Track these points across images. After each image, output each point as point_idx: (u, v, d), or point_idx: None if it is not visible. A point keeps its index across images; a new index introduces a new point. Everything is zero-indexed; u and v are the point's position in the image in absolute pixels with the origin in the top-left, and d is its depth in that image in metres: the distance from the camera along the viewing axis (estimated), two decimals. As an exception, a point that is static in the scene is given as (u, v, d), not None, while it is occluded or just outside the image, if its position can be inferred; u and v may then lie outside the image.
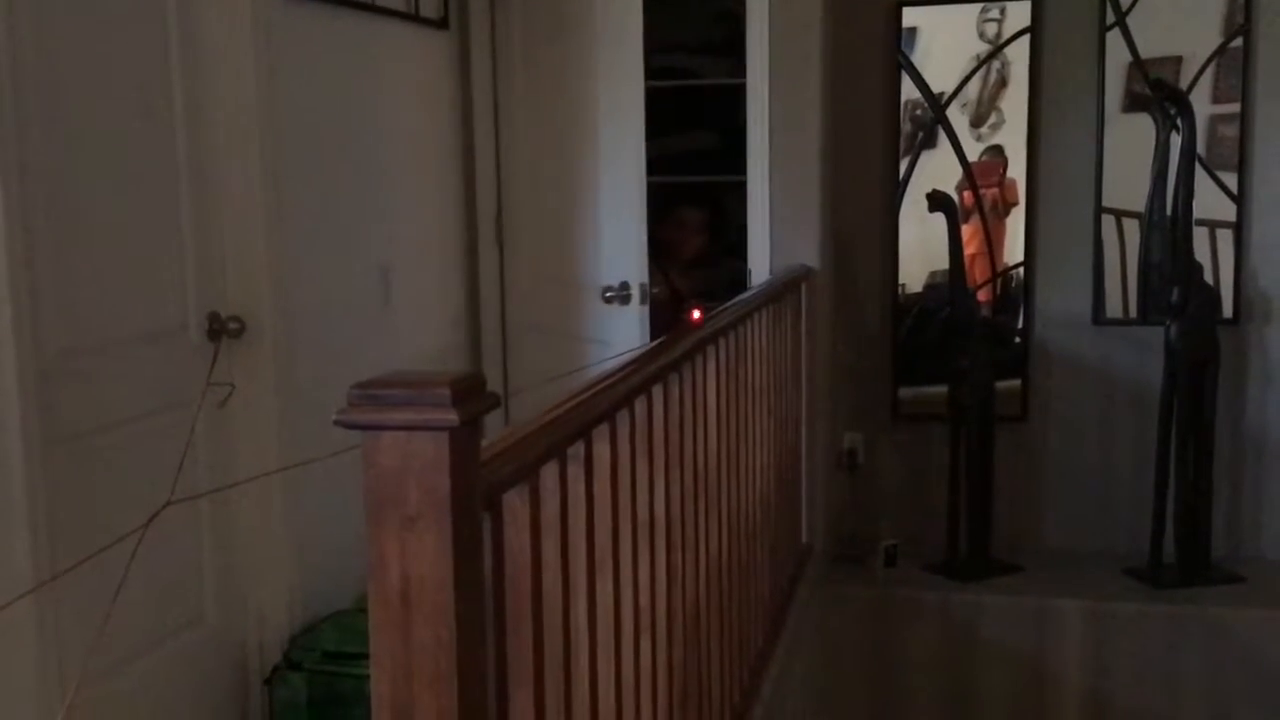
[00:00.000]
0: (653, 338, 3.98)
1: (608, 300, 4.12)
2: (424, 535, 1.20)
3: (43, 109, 2.46)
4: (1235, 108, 4.25)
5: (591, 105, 4.12)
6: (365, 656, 3.27)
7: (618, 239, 4.10)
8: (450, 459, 1.19)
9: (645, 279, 4.11)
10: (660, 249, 4.52)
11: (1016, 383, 4.53)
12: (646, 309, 4.12)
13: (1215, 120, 4.30)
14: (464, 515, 1.21)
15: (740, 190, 4.23)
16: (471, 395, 1.20)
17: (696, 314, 3.50)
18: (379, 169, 3.76)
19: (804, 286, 3.96)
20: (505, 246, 4.40)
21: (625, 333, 4.06)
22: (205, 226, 3.02)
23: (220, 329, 3.04)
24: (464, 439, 1.20)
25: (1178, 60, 4.30)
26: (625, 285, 4.09)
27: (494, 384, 4.45)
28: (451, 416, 1.17)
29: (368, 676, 3.21)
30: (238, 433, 3.09)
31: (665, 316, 4.33)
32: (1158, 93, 4.07)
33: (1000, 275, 4.54)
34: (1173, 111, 4.11)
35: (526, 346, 4.40)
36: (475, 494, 1.24)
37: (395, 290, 3.80)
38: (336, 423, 1.21)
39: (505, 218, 4.38)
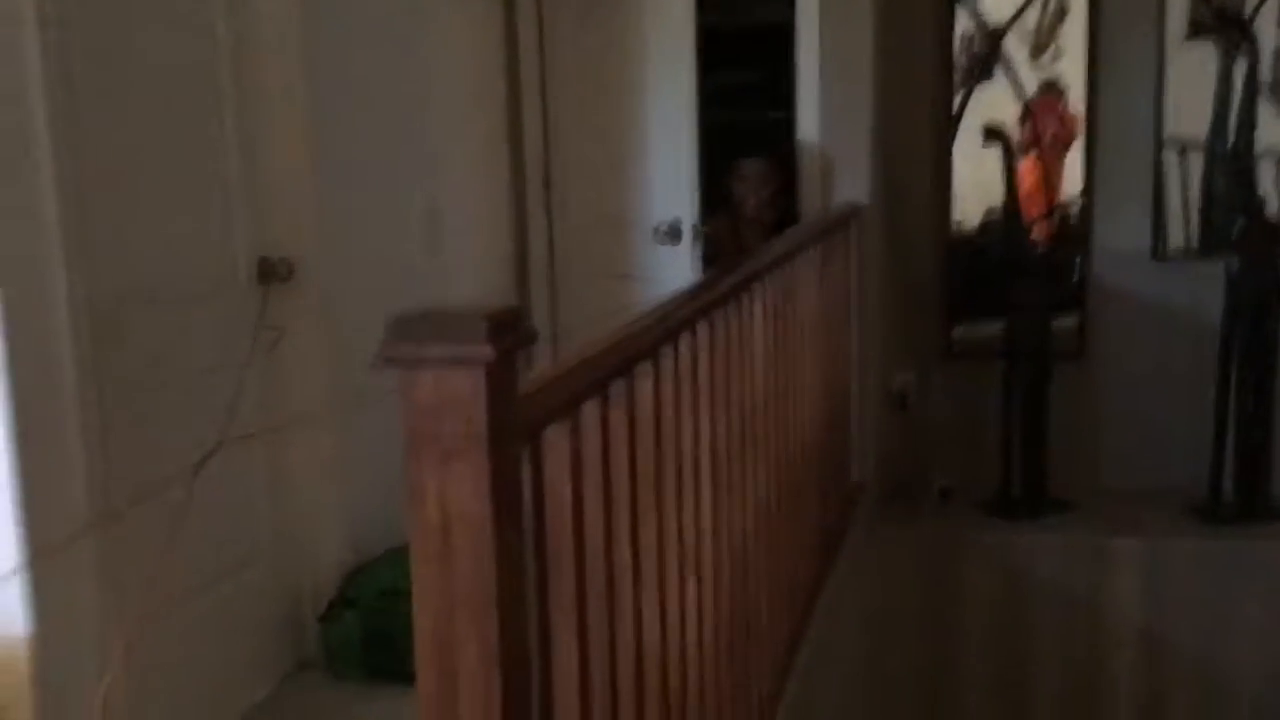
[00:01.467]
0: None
1: (658, 239, 4.09)
2: (461, 470, 1.20)
3: (89, 56, 2.46)
4: (1302, 35, 4.12)
5: (639, 42, 4.07)
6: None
7: (667, 177, 4.07)
8: (487, 393, 1.18)
9: (696, 218, 4.07)
10: (723, 202, 4.42)
11: (1073, 320, 4.46)
12: (699, 247, 4.08)
13: (1281, 50, 4.18)
14: (501, 450, 1.21)
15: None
16: (508, 329, 1.19)
17: None
18: (426, 111, 3.74)
19: (853, 224, 3.91)
20: (553, 187, 4.38)
21: (675, 272, 4.03)
22: (253, 169, 3.02)
23: (270, 273, 3.04)
24: (501, 373, 1.19)
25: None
26: (677, 223, 4.06)
27: (542, 325, 4.46)
28: (487, 351, 1.16)
29: (420, 614, 3.22)
30: (288, 376, 3.10)
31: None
32: (1221, 21, 3.95)
33: (1057, 210, 4.46)
34: (1237, 39, 3.99)
35: (575, 287, 4.39)
36: (513, 429, 1.24)
37: (444, 233, 3.80)
38: (375, 358, 1.21)
39: (552, 156, 4.35)
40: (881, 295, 4.34)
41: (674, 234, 4.06)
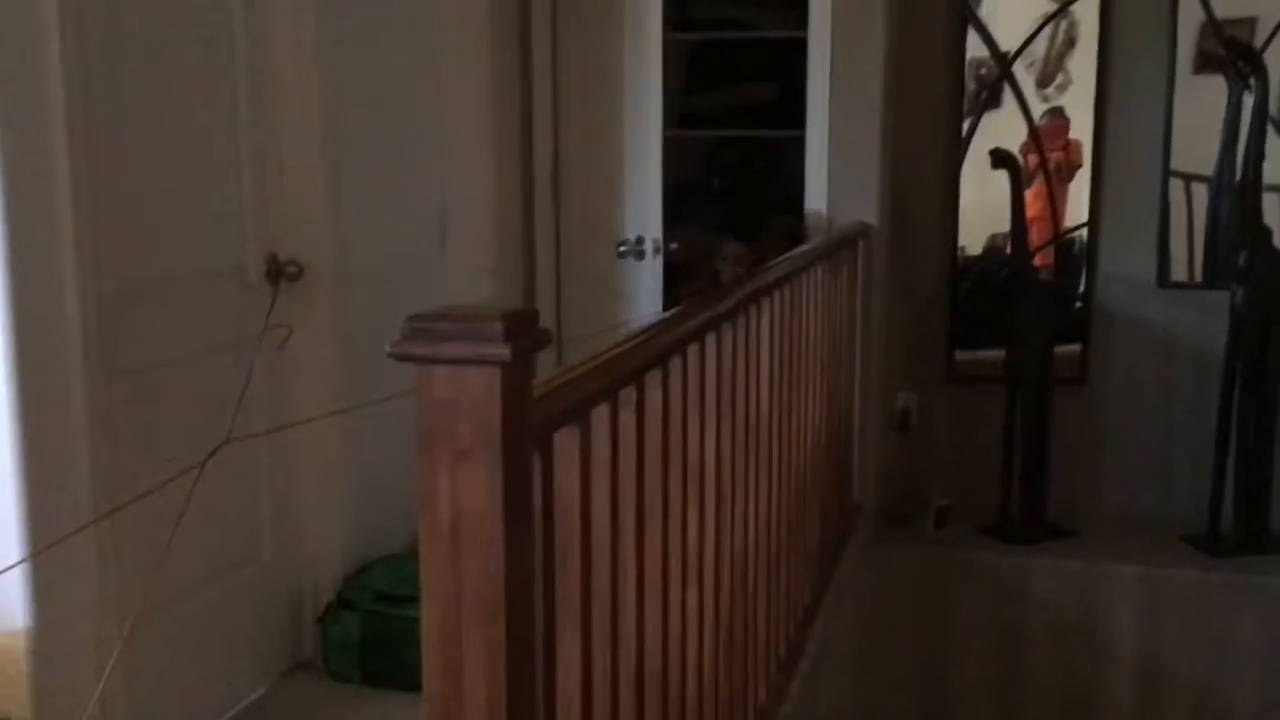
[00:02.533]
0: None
1: (621, 255, 4.09)
2: (475, 469, 1.21)
3: (103, 44, 2.48)
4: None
5: (618, 60, 4.10)
6: (416, 599, 3.30)
7: (637, 194, 4.06)
8: (502, 393, 1.19)
9: (659, 234, 4.06)
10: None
11: (1076, 347, 4.48)
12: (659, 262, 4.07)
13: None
14: (515, 451, 1.22)
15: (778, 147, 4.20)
16: (524, 330, 1.21)
17: None
18: (439, 114, 3.76)
19: (861, 243, 3.92)
20: (561, 200, 4.40)
21: (642, 286, 4.03)
22: (265, 168, 3.04)
23: (279, 271, 3.06)
24: (516, 374, 1.21)
25: (1252, 21, 4.19)
26: (640, 240, 4.05)
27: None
28: (504, 351, 1.17)
29: (418, 619, 3.25)
30: (295, 374, 3.11)
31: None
32: (1231, 52, 3.97)
33: (1062, 237, 4.48)
34: (1246, 71, 4.02)
35: (577, 297, 4.40)
36: (526, 430, 1.25)
37: (451, 236, 3.81)
38: (390, 355, 1.22)
39: (560, 170, 4.37)
40: (887, 316, 4.35)
41: (638, 251, 4.06)
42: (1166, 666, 4.07)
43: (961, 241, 4.52)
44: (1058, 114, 4.44)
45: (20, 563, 2.24)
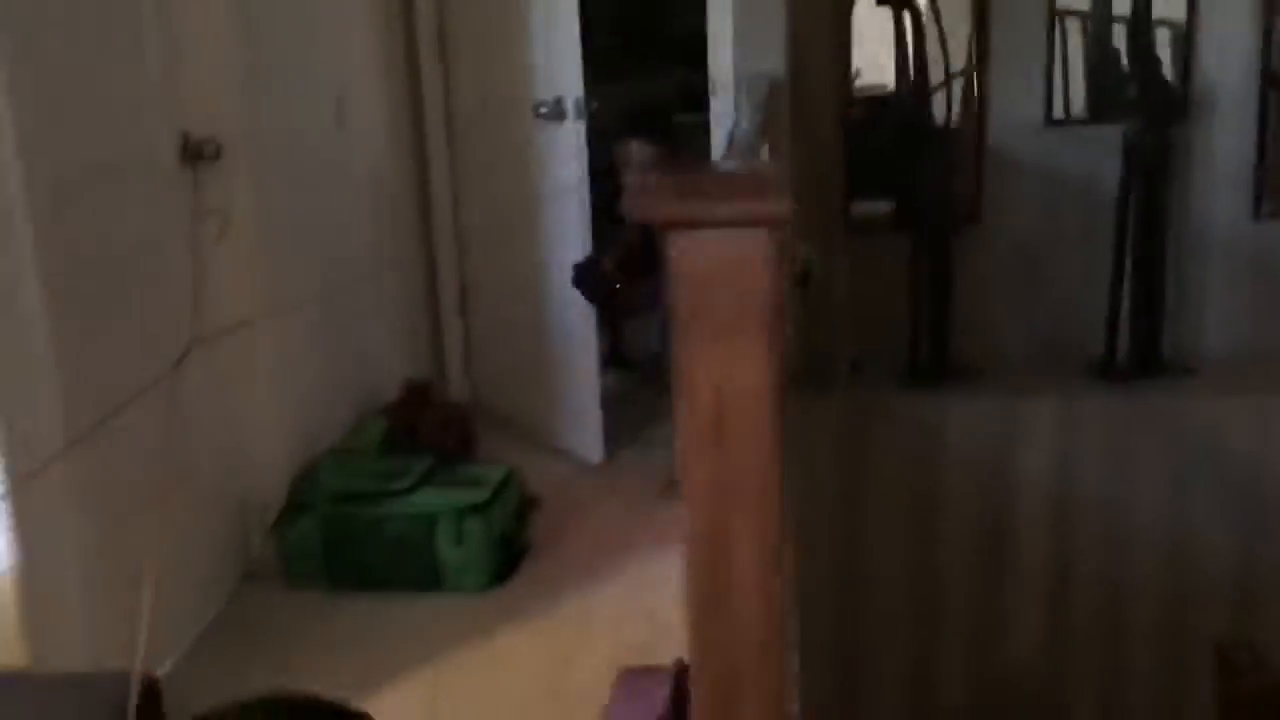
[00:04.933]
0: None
1: (541, 116, 3.83)
2: (741, 344, 1.08)
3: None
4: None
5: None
6: (375, 496, 3.13)
7: (551, 53, 3.78)
8: (773, 258, 1.06)
9: (580, 93, 3.79)
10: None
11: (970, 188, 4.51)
12: (583, 125, 3.81)
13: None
14: (778, 322, 1.09)
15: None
16: (785, 191, 1.07)
17: None
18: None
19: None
20: (448, 64, 4.12)
21: (563, 150, 3.78)
22: (172, 42, 2.72)
23: (198, 152, 2.76)
24: (779, 238, 1.07)
25: None
26: (560, 100, 3.80)
27: (443, 207, 4.22)
28: (782, 208, 1.04)
29: (381, 518, 3.08)
30: (223, 264, 2.84)
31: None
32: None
33: (952, 79, 4.47)
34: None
35: (473, 165, 4.16)
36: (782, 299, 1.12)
37: (348, 113, 3.54)
38: (630, 217, 1.06)
39: (446, 32, 4.09)
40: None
41: (558, 113, 3.79)
42: (1076, 490, 4.23)
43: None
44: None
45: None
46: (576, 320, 3.78)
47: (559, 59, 3.61)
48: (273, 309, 2.92)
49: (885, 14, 4.50)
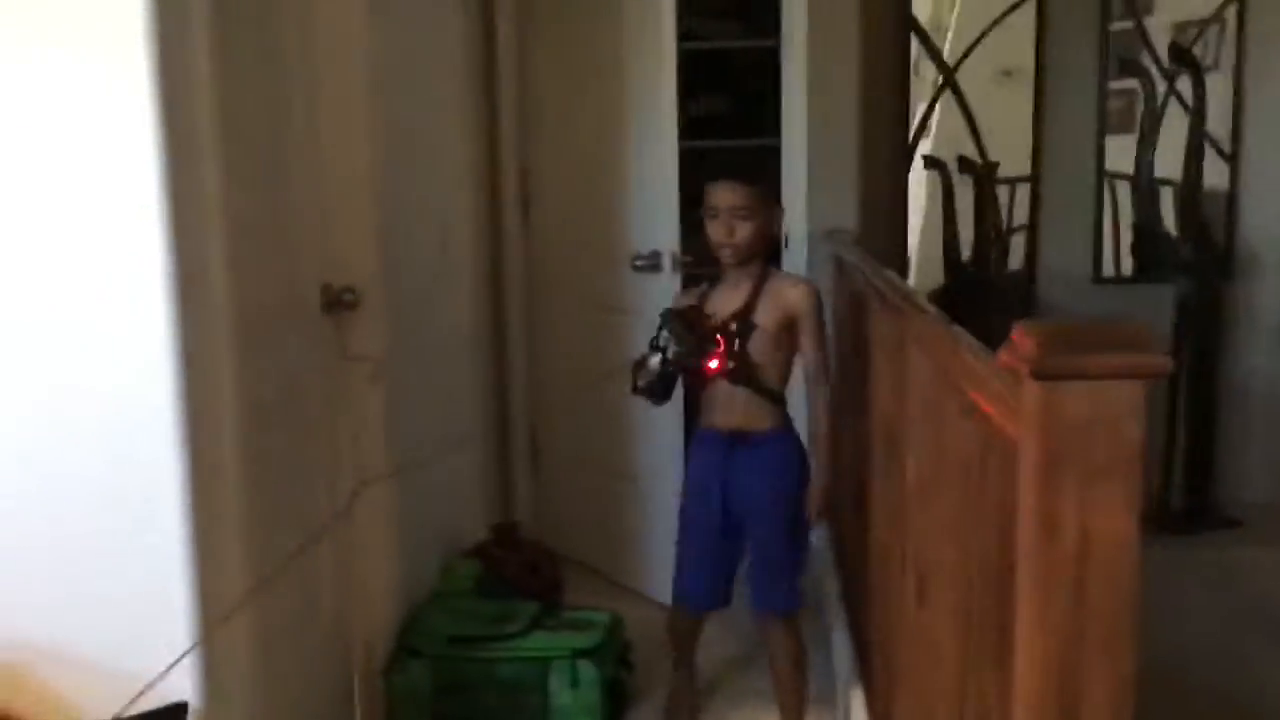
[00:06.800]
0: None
1: (637, 269, 3.94)
2: (1111, 490, 1.14)
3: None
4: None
5: (617, 64, 3.97)
6: (486, 640, 3.13)
7: (647, 206, 3.92)
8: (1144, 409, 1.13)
9: (676, 247, 3.92)
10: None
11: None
12: (679, 277, 3.94)
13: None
14: (1143, 469, 1.15)
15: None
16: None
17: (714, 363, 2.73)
18: (428, 132, 3.56)
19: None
20: (531, 211, 4.24)
21: (659, 301, 3.90)
22: (321, 198, 2.80)
23: (336, 301, 2.82)
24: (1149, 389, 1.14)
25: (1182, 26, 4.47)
26: (656, 254, 3.92)
27: (516, 353, 4.28)
28: (1162, 363, 1.11)
29: (494, 660, 3.07)
30: (366, 408, 2.88)
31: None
32: (1174, 57, 4.22)
33: (1005, 237, 4.66)
34: (1172, 74, 4.27)
35: (554, 314, 4.25)
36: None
37: (451, 263, 3.63)
38: (1021, 368, 1.13)
39: (531, 181, 4.22)
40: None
41: (654, 265, 3.91)
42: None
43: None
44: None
45: (193, 647, 1.98)
46: (656, 458, 3.81)
47: (656, 213, 3.72)
48: (400, 452, 2.95)
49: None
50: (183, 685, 2.00)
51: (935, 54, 4.51)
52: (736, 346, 2.71)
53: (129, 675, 1.98)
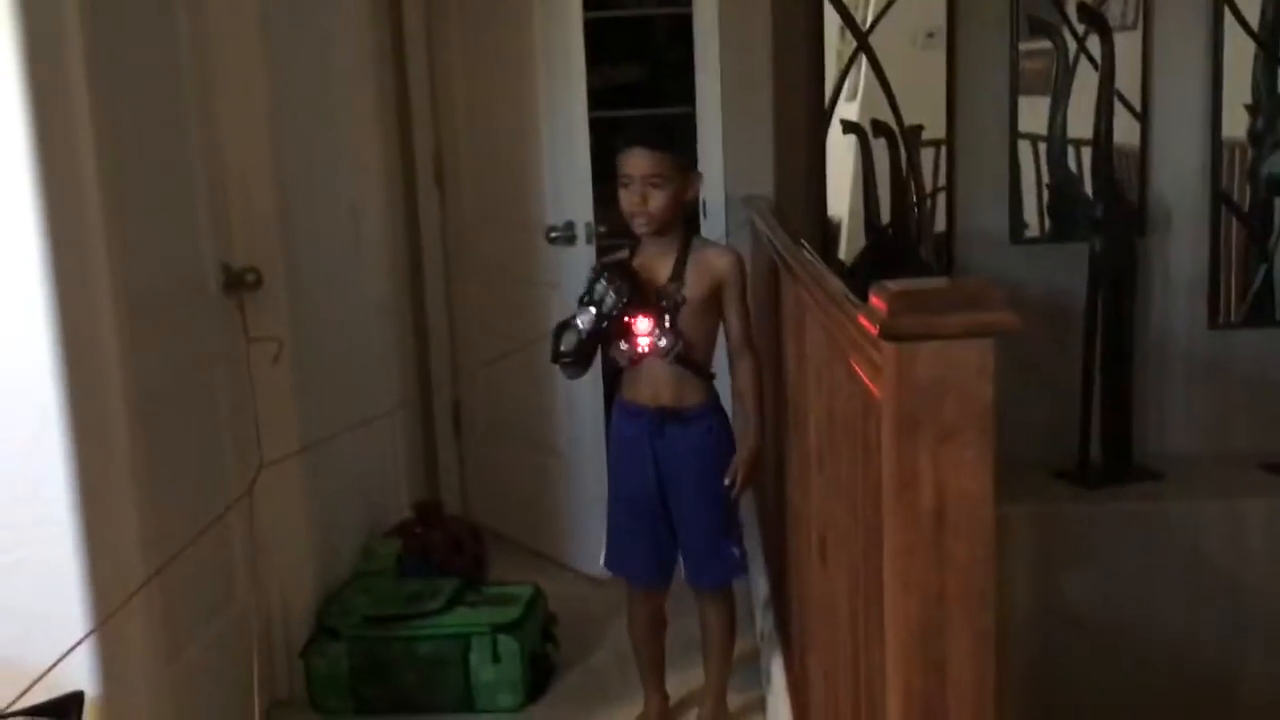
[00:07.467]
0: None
1: (552, 241, 3.92)
2: (962, 450, 1.15)
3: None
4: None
5: (526, 36, 3.93)
6: (405, 618, 3.11)
7: (560, 177, 3.89)
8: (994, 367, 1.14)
9: (590, 218, 3.90)
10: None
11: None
12: (594, 249, 3.92)
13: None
14: (996, 427, 1.17)
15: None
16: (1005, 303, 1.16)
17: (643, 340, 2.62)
18: (332, 111, 3.52)
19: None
20: (446, 187, 4.21)
21: (574, 275, 3.88)
22: (216, 171, 2.76)
23: (238, 281, 2.79)
24: (999, 347, 1.15)
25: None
26: (570, 225, 3.90)
27: (438, 326, 4.27)
28: (1008, 319, 1.12)
29: (413, 638, 3.06)
30: (262, 390, 2.85)
31: None
32: (1083, 17, 4.25)
33: (922, 201, 4.67)
34: (1092, 35, 4.30)
35: (474, 290, 4.23)
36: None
37: (362, 237, 3.59)
38: (864, 327, 1.14)
39: (445, 158, 4.19)
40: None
41: (568, 236, 3.88)
42: (1056, 593, 4.32)
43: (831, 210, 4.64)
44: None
45: (87, 636, 1.95)
46: (579, 431, 3.81)
47: (569, 184, 3.71)
48: (313, 431, 2.92)
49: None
50: (79, 676, 1.98)
51: (849, 18, 4.50)
52: (668, 323, 2.63)
53: (24, 667, 1.95)
